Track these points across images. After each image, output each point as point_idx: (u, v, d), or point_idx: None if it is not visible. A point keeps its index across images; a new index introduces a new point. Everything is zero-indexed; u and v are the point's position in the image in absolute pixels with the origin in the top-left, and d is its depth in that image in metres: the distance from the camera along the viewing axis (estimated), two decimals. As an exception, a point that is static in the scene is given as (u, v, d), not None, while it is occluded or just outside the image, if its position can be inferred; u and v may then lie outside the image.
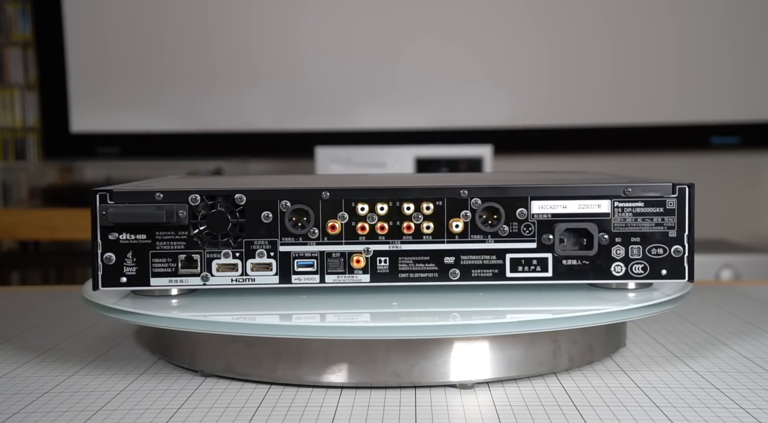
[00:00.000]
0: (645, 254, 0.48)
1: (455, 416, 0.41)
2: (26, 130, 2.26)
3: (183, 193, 0.47)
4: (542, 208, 0.48)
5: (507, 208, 0.48)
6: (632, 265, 0.48)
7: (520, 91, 2.09)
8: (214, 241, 0.48)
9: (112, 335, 0.59)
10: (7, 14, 2.23)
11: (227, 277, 0.48)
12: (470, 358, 0.46)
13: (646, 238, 0.48)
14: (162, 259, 0.48)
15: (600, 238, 0.48)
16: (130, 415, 0.42)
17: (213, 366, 0.48)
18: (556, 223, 0.48)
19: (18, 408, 0.43)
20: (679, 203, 0.48)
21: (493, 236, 0.48)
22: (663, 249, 0.48)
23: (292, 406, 0.43)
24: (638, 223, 0.48)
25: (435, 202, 0.48)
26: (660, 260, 0.48)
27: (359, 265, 0.48)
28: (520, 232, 0.48)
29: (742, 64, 2.05)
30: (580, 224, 0.48)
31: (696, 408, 0.42)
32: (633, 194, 0.48)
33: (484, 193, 0.48)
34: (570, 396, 0.44)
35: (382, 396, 0.44)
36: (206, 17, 2.10)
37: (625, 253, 0.48)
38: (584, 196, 0.48)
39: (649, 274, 0.49)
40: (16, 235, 1.83)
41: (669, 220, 0.48)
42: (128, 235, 0.48)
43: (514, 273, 0.48)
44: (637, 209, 0.48)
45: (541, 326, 0.44)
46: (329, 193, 0.47)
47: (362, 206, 0.48)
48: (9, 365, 0.52)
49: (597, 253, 0.48)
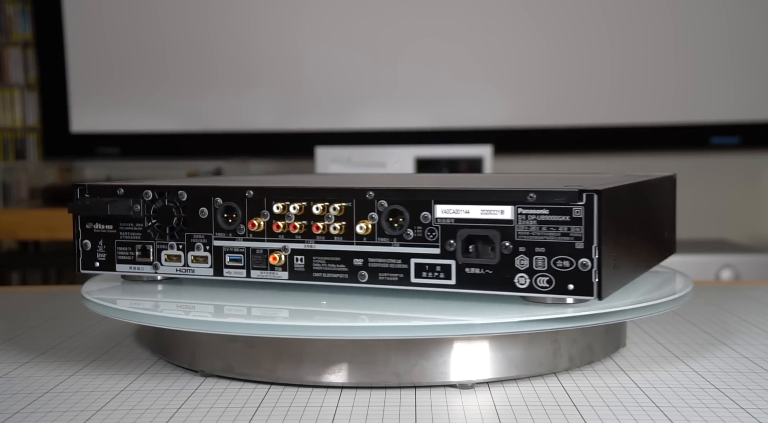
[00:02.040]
0: (550, 266, 0.44)
1: (455, 416, 0.41)
2: (26, 130, 2.27)
3: (139, 188, 0.52)
4: (445, 213, 0.45)
5: (412, 211, 0.46)
6: (537, 278, 0.44)
7: (520, 91, 2.09)
8: (164, 233, 0.52)
9: (112, 335, 0.59)
10: (7, 14, 2.23)
11: (173, 267, 0.52)
12: (470, 358, 0.46)
13: (552, 249, 0.44)
14: (124, 247, 0.53)
15: (502, 247, 0.44)
16: (130, 415, 0.42)
17: (213, 366, 0.48)
18: (459, 229, 0.45)
19: (18, 408, 0.43)
20: (586, 212, 0.43)
21: (399, 240, 0.46)
22: (569, 261, 0.43)
23: (292, 406, 0.43)
24: (543, 232, 0.44)
25: (344, 203, 0.48)
26: (566, 274, 0.44)
27: (275, 262, 0.49)
28: (424, 236, 0.46)
29: (742, 64, 2.05)
30: (483, 231, 0.45)
31: (696, 408, 0.42)
32: (537, 201, 0.44)
33: (390, 196, 0.46)
34: (570, 396, 0.44)
35: (382, 396, 0.44)
36: (206, 17, 2.10)
37: (530, 264, 0.44)
38: (488, 201, 0.45)
39: (555, 288, 0.44)
40: (16, 235, 1.84)
41: (575, 230, 0.43)
42: (100, 225, 0.53)
43: (418, 279, 0.46)
44: (541, 217, 0.44)
45: (541, 326, 0.44)
46: (253, 191, 0.49)
47: (278, 205, 0.49)
48: (9, 365, 0.52)
49: (499, 262, 0.45)
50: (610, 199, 0.44)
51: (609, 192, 0.44)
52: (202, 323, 0.45)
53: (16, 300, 0.74)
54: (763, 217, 2.17)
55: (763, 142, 2.08)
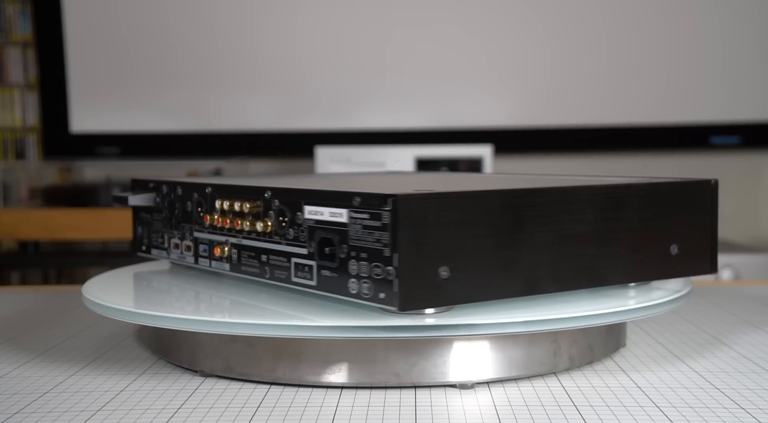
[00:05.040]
0: (370, 273, 0.42)
1: (455, 416, 0.41)
2: (26, 130, 2.27)
3: (159, 183, 0.58)
4: (310, 214, 0.46)
5: (291, 211, 0.47)
6: (362, 284, 0.43)
7: (520, 91, 2.09)
8: (170, 223, 0.58)
9: (112, 335, 0.59)
10: (7, 14, 2.23)
11: (176, 254, 0.57)
12: (470, 358, 0.46)
13: (371, 255, 0.42)
14: (155, 234, 0.59)
15: (339, 250, 0.44)
16: (130, 415, 0.42)
17: (213, 366, 0.48)
18: (315, 230, 0.45)
19: (18, 408, 0.43)
20: (392, 217, 0.41)
21: (284, 239, 0.48)
22: (381, 269, 0.42)
23: (292, 406, 0.43)
24: (365, 237, 0.42)
25: (256, 202, 0.50)
26: (379, 282, 0.42)
27: (218, 254, 0.52)
28: (299, 236, 0.47)
29: (743, 65, 2.05)
30: (330, 234, 0.45)
31: (696, 408, 0.42)
32: (361, 204, 0.42)
33: (280, 196, 0.48)
34: (570, 396, 0.44)
35: (382, 396, 0.44)
36: (206, 17, 2.10)
37: (358, 270, 0.43)
38: (335, 204, 0.44)
39: (372, 296, 0.42)
40: (16, 235, 1.83)
41: (384, 236, 0.41)
42: (145, 215, 0.60)
43: (296, 278, 0.47)
44: (365, 221, 0.42)
45: (541, 326, 0.44)
46: (210, 188, 0.54)
47: (220, 202, 0.52)
48: (9, 365, 0.52)
49: (338, 266, 0.44)
50: (432, 204, 0.41)
51: (423, 197, 0.41)
52: (202, 323, 0.45)
53: (16, 300, 0.74)
54: (763, 217, 2.17)
55: (763, 142, 2.08)
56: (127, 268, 0.63)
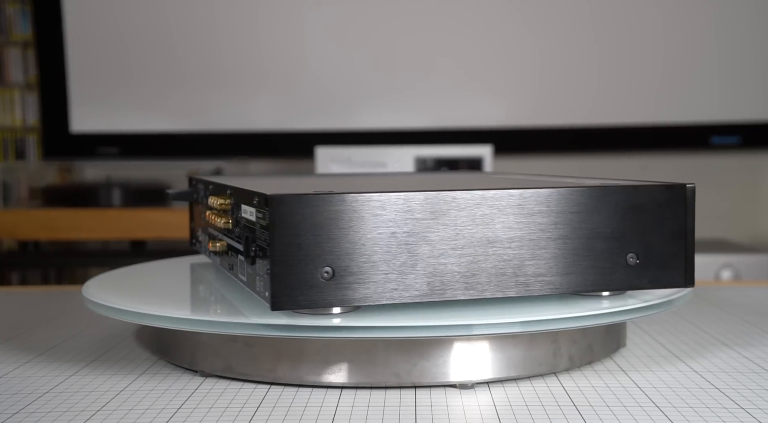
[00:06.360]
0: (264, 271, 0.42)
1: (455, 416, 0.41)
2: (26, 130, 2.26)
3: (197, 181, 0.62)
4: (244, 213, 0.46)
5: (237, 209, 0.48)
6: (260, 281, 0.44)
7: (520, 91, 2.09)
8: (199, 219, 0.61)
9: (112, 335, 0.59)
10: (7, 14, 2.23)
11: (200, 247, 0.62)
12: (470, 358, 0.46)
13: (264, 253, 0.42)
14: (197, 229, 0.63)
15: (252, 251, 0.45)
16: (130, 415, 0.42)
17: (213, 366, 0.48)
18: (245, 228, 0.46)
19: (18, 408, 0.43)
20: (270, 217, 0.41)
21: (237, 237, 0.49)
22: (267, 269, 0.42)
23: (292, 406, 0.43)
24: (262, 236, 0.43)
25: (225, 200, 0.51)
26: (267, 279, 0.42)
27: (211, 248, 0.53)
28: (241, 234, 0.47)
29: (742, 65, 2.05)
30: (248, 232, 0.45)
31: (696, 408, 0.42)
32: (258, 204, 0.43)
33: (236, 195, 0.49)
34: (570, 396, 0.44)
35: (382, 396, 0.44)
36: (207, 17, 2.10)
37: (261, 268, 0.43)
38: (251, 204, 0.45)
39: (263, 294, 0.43)
40: (16, 235, 1.83)
41: (269, 235, 0.41)
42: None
43: (240, 274, 0.48)
44: (261, 221, 0.43)
45: (541, 326, 0.44)
46: (212, 186, 0.56)
47: (211, 199, 0.53)
48: (9, 365, 0.52)
49: (251, 263, 0.45)
50: (310, 204, 0.41)
51: (297, 198, 0.41)
52: (202, 323, 0.45)
53: (16, 300, 0.74)
54: (763, 217, 2.17)
55: (763, 142, 2.08)
56: (127, 268, 0.63)
